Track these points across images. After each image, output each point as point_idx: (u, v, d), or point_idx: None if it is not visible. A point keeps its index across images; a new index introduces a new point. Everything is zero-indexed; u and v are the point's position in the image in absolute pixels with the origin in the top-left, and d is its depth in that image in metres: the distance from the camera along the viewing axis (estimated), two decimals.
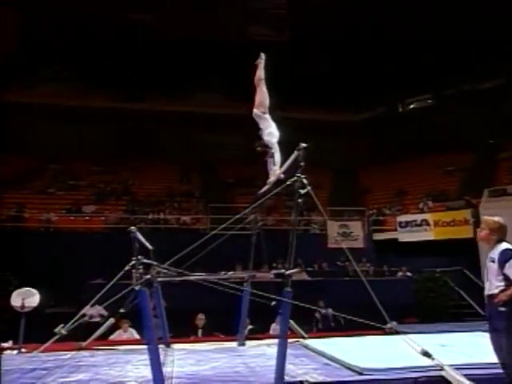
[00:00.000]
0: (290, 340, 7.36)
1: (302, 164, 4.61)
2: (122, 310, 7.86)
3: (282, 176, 5.44)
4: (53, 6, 17.76)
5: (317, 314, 10.34)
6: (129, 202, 16.61)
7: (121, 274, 4.31)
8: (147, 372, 4.77)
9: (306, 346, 6.16)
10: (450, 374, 3.68)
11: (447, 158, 19.40)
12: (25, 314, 7.32)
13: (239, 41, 22.50)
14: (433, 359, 3.71)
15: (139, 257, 4.25)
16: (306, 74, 22.32)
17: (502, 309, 3.63)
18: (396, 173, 20.21)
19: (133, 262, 4.20)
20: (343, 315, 4.50)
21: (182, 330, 8.89)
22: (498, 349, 3.73)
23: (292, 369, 4.65)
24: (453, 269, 12.57)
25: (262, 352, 5.99)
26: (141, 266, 4.22)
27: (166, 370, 4.80)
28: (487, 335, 3.89)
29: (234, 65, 21.86)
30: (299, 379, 4.28)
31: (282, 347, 4.20)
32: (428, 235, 13.89)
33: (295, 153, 4.82)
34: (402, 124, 21.95)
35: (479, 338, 5.60)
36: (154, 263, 4.25)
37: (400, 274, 13.14)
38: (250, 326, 9.57)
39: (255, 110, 5.44)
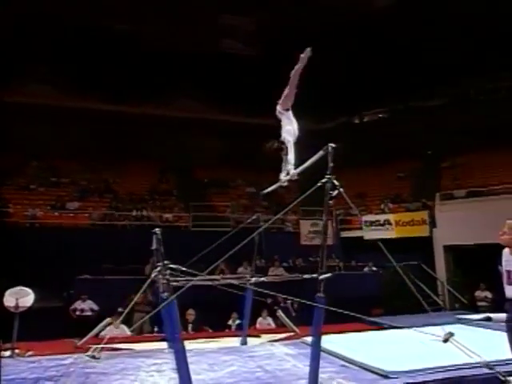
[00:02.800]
0: (284, 335, 6.86)
1: (332, 165, 4.09)
2: (120, 310, 7.03)
3: (297, 177, 4.89)
4: (39, 7, 16.23)
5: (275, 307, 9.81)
6: (112, 199, 15.42)
7: (148, 281, 3.56)
8: (163, 381, 4.08)
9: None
10: None
11: (399, 165, 19.58)
12: (19, 314, 6.28)
13: (214, 53, 21.74)
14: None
15: (165, 262, 3.50)
16: (270, 84, 21.79)
17: None
18: (355, 178, 20.11)
19: (159, 268, 3.46)
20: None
21: None
22: None
23: None
24: (412, 263, 12.45)
25: (269, 352, 5.39)
26: (167, 272, 3.49)
27: None
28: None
29: (209, 74, 21.07)
30: None
31: (314, 360, 3.64)
32: (390, 234, 13.75)
33: (319, 153, 4.29)
34: (360, 134, 21.99)
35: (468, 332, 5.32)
36: (183, 268, 3.54)
37: (367, 268, 12.89)
38: (238, 321, 8.95)
39: (278, 107, 4.78)
